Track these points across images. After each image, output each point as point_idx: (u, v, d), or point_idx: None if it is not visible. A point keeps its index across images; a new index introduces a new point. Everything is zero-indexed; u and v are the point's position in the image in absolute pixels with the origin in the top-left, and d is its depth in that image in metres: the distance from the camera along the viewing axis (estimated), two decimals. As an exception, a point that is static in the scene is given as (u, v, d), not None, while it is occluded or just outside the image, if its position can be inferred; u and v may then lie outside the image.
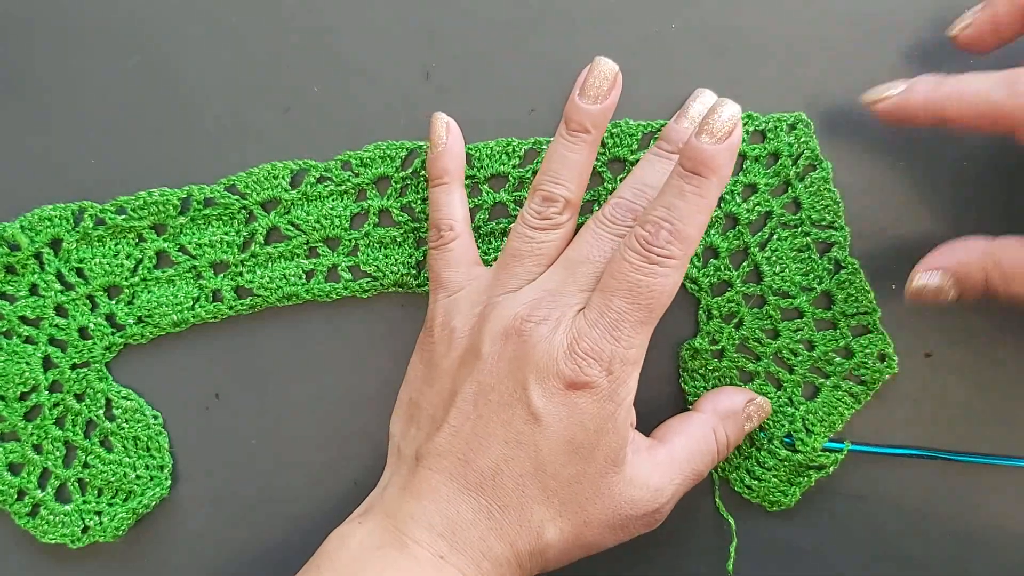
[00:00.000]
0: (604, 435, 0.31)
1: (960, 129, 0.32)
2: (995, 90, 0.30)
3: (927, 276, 0.33)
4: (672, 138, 0.34)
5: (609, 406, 0.31)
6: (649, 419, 0.35)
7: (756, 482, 0.37)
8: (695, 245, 0.31)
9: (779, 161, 0.36)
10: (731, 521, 0.37)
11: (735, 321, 0.37)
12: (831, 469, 0.36)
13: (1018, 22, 0.33)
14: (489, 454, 0.31)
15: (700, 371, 0.37)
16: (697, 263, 0.36)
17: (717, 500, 0.37)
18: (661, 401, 0.37)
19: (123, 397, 0.37)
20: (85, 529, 0.37)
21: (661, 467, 0.33)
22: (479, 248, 0.36)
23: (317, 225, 0.37)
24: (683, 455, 0.33)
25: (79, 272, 0.37)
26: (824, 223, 0.36)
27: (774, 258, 0.36)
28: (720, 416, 0.35)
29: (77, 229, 0.37)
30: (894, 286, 0.36)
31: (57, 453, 0.37)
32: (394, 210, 0.37)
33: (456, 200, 0.36)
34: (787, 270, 0.36)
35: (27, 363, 0.37)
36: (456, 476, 0.31)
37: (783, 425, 0.36)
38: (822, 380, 0.36)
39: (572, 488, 0.31)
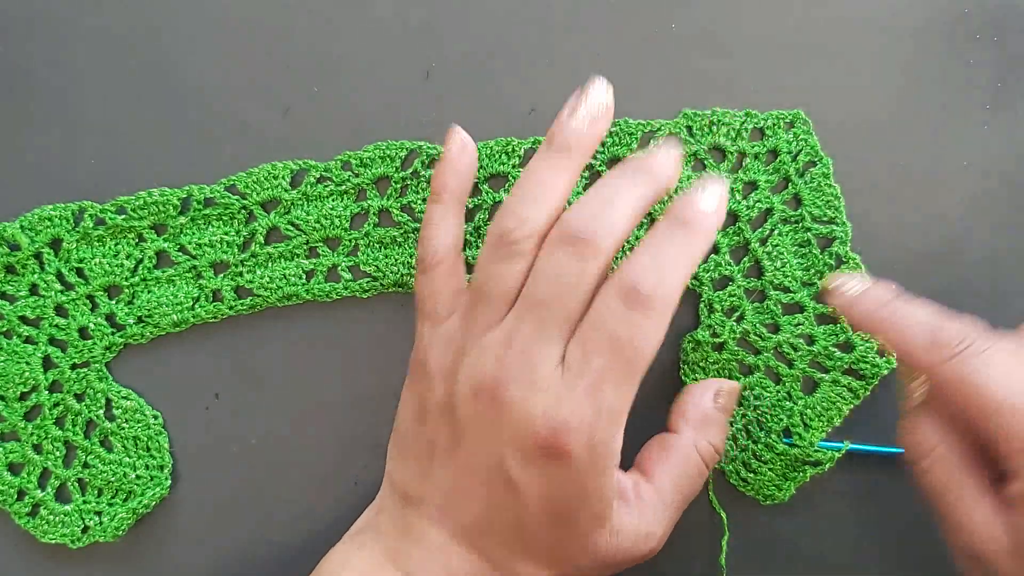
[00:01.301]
0: (587, 501, 0.29)
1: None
2: (919, 339, 0.30)
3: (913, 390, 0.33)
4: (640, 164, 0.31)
5: (591, 472, 0.28)
6: (650, 414, 0.34)
7: (752, 475, 0.37)
8: (679, 296, 0.28)
9: (778, 158, 0.36)
10: (723, 515, 0.37)
11: (736, 315, 0.37)
12: (827, 466, 0.36)
13: None
14: (472, 511, 0.30)
15: (700, 363, 0.37)
16: (697, 259, 0.36)
17: (711, 494, 0.37)
18: (663, 393, 0.37)
19: (123, 397, 0.37)
20: (85, 529, 0.37)
21: (649, 509, 0.31)
22: (479, 248, 0.36)
23: (317, 225, 0.37)
24: (670, 487, 0.32)
25: (79, 272, 0.37)
26: (825, 219, 0.36)
27: (775, 253, 0.36)
28: (697, 428, 0.33)
29: (77, 229, 0.37)
30: (894, 286, 0.36)
31: (57, 453, 0.37)
32: (394, 210, 0.37)
33: (448, 222, 0.33)
34: (788, 265, 0.36)
35: (27, 363, 0.37)
36: (443, 524, 0.31)
37: (781, 419, 0.36)
38: (821, 375, 0.36)
39: (558, 549, 0.30)
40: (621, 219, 0.29)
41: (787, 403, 0.36)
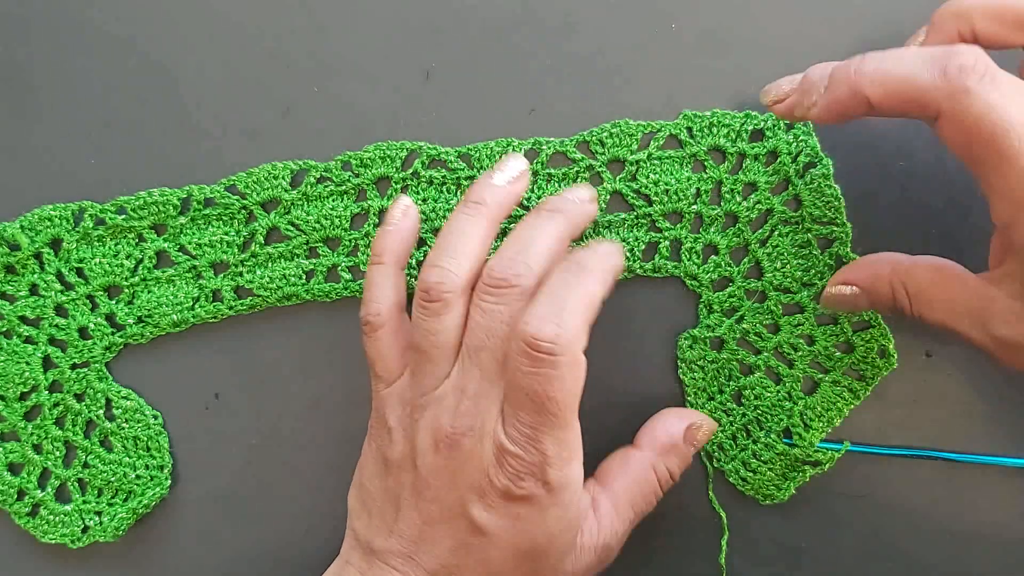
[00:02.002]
0: (555, 537, 0.30)
1: (880, 114, 0.29)
2: (922, 71, 0.27)
3: (840, 288, 0.34)
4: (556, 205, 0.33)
5: (554, 511, 0.30)
6: (647, 412, 0.35)
7: (751, 474, 0.37)
8: (586, 335, 0.29)
9: (779, 159, 0.36)
10: (723, 515, 0.37)
11: (737, 316, 0.37)
12: (827, 466, 0.36)
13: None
14: (439, 559, 0.30)
15: (699, 362, 0.37)
16: (697, 260, 0.36)
17: (711, 494, 0.37)
18: (660, 393, 0.37)
19: (123, 397, 0.37)
20: (85, 529, 0.37)
21: (606, 523, 0.32)
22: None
23: (317, 225, 0.37)
24: (625, 502, 0.33)
25: (79, 272, 0.37)
26: (825, 219, 0.36)
27: (775, 254, 0.36)
28: (659, 451, 0.34)
29: (77, 229, 0.37)
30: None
31: (57, 453, 0.37)
32: (394, 210, 0.37)
33: (389, 284, 0.33)
34: (788, 266, 0.36)
35: (27, 363, 0.37)
36: (411, 573, 0.31)
37: (781, 419, 0.36)
38: (821, 375, 0.36)
39: None
40: (538, 258, 0.30)
41: (787, 403, 0.36)
